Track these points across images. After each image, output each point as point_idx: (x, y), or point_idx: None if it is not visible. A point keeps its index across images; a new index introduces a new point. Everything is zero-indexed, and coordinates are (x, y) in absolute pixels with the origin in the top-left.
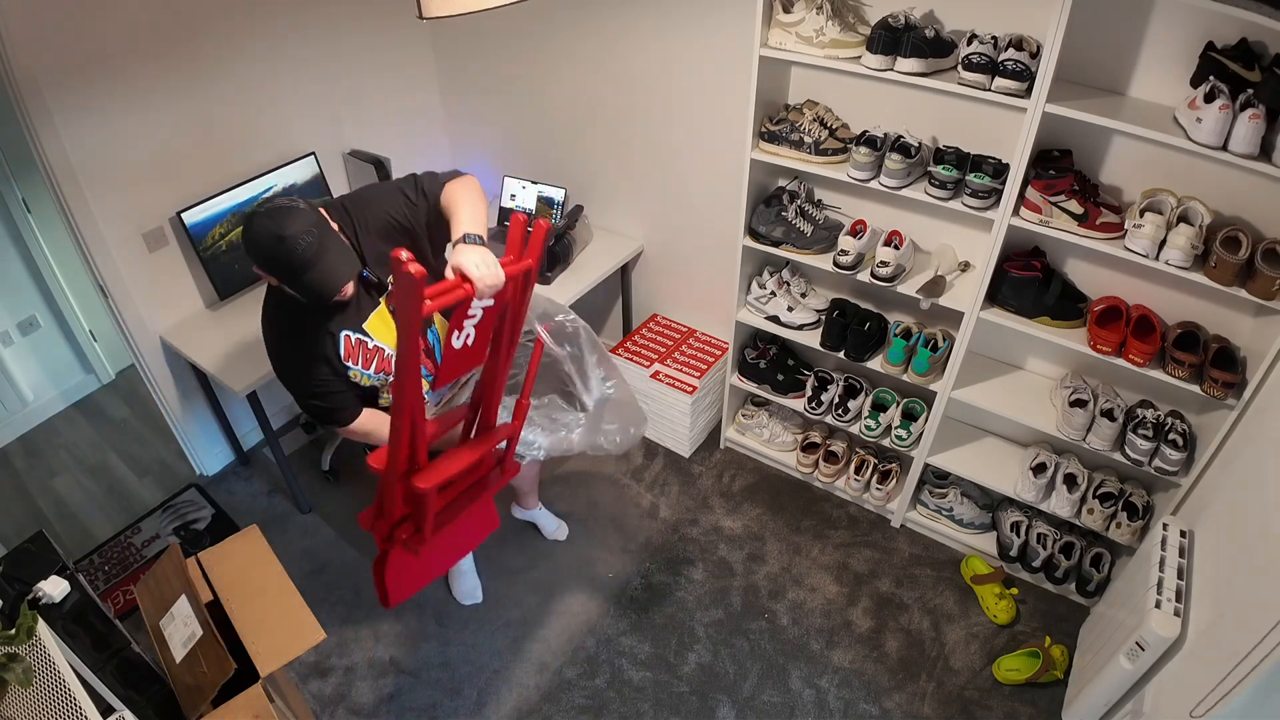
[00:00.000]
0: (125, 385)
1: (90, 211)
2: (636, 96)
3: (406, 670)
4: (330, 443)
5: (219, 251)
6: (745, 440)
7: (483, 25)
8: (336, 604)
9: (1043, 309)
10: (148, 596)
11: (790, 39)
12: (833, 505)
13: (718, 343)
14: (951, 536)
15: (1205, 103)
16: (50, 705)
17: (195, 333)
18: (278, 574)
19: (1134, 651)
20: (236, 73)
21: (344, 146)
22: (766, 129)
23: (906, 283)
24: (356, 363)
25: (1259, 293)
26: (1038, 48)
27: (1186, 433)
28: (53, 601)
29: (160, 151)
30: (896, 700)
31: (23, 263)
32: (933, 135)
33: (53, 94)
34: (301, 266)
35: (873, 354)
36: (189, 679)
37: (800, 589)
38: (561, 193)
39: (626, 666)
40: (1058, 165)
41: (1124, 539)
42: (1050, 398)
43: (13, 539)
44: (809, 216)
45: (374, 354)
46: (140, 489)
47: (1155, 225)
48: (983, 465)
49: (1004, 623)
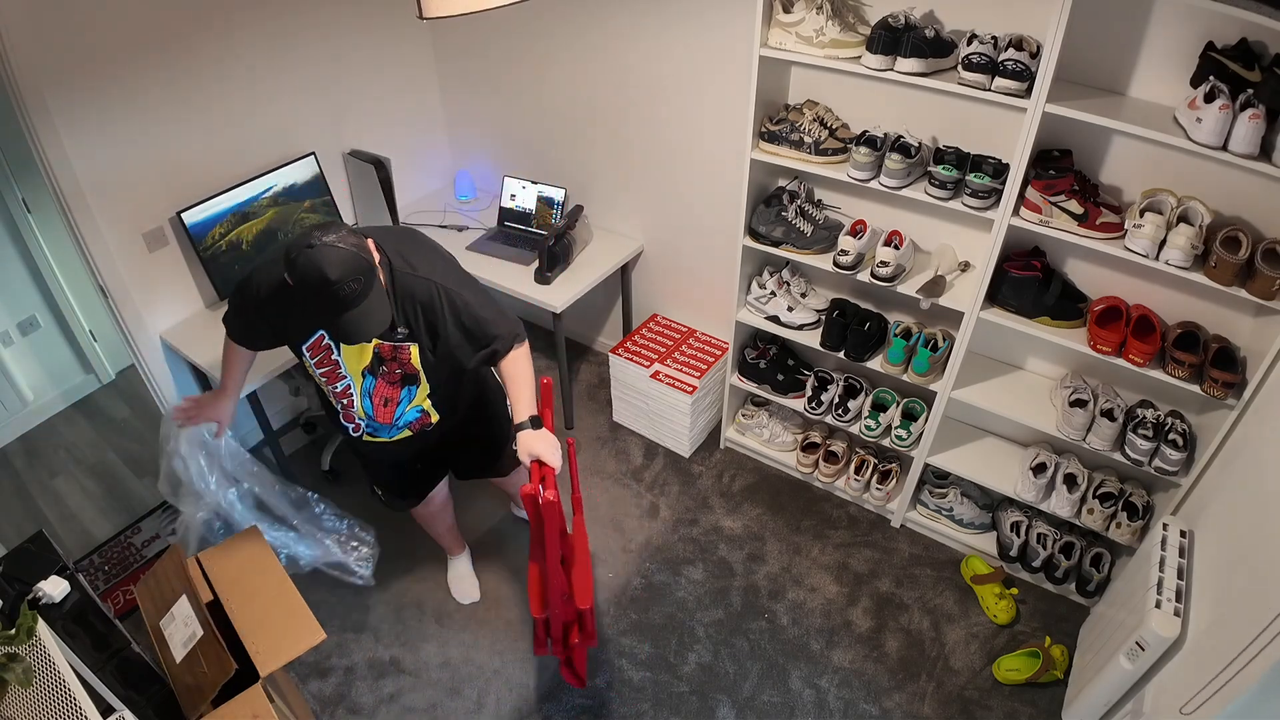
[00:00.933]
0: (125, 385)
1: (90, 211)
2: (636, 96)
3: (406, 670)
4: (330, 443)
5: (219, 251)
6: (745, 440)
7: (483, 25)
8: (336, 604)
9: (1043, 309)
10: (148, 596)
11: (790, 39)
12: (833, 505)
13: (718, 343)
14: (951, 536)
15: (1205, 103)
16: (50, 705)
17: (195, 333)
18: (278, 574)
19: (1134, 651)
20: (237, 73)
21: (344, 146)
22: (766, 129)
23: (906, 283)
24: (314, 358)
25: (1259, 293)
26: (1038, 48)
27: (1186, 433)
28: (53, 601)
29: (160, 151)
30: (896, 700)
31: (23, 263)
32: (933, 135)
33: (53, 94)
34: (337, 310)
35: (873, 354)
36: (189, 679)
37: (800, 589)
38: (561, 193)
39: (626, 666)
40: (1058, 165)
41: (1124, 539)
42: (1050, 398)
43: (13, 539)
44: (809, 216)
45: (331, 365)
46: (140, 489)
47: (1155, 225)
48: (983, 465)
49: (1004, 623)
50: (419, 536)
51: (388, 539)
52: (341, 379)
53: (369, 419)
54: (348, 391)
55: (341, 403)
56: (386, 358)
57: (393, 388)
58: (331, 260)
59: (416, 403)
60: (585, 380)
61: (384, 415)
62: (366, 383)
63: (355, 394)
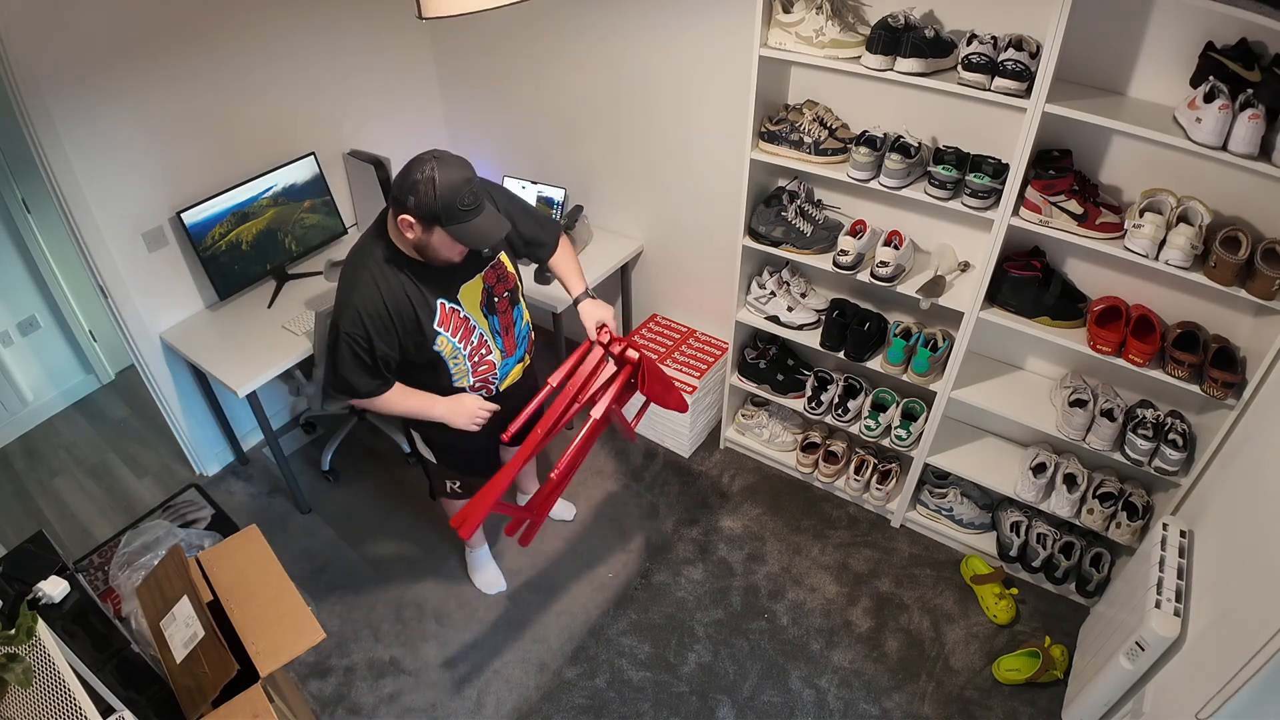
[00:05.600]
0: (125, 385)
1: (90, 211)
2: (636, 96)
3: (406, 670)
4: (330, 442)
5: (219, 251)
6: (745, 440)
7: (482, 25)
8: (336, 604)
9: (1042, 309)
10: (148, 597)
11: (790, 39)
12: (833, 505)
13: (718, 343)
14: (951, 536)
15: (1205, 103)
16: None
17: (195, 333)
18: (278, 574)
19: (1134, 651)
20: (236, 72)
21: (344, 146)
22: (766, 129)
23: (906, 283)
24: (448, 329)
25: (1259, 293)
26: (1037, 48)
27: (1186, 433)
28: (53, 601)
29: (160, 151)
30: (896, 700)
31: (23, 263)
32: (933, 135)
33: (53, 94)
34: (471, 211)
35: (873, 354)
36: (189, 680)
37: (800, 589)
38: (561, 193)
39: (626, 666)
40: (1057, 165)
41: (1124, 539)
42: (1050, 398)
43: (13, 539)
44: (809, 216)
45: (462, 324)
46: (140, 489)
47: (1155, 225)
48: (983, 465)
49: (1004, 623)
50: (418, 537)
51: (388, 539)
52: (474, 331)
53: (502, 355)
54: (483, 342)
55: (479, 365)
56: (492, 283)
57: (506, 314)
58: (457, 161)
59: (526, 319)
60: None
61: (509, 344)
62: (491, 322)
63: (489, 340)
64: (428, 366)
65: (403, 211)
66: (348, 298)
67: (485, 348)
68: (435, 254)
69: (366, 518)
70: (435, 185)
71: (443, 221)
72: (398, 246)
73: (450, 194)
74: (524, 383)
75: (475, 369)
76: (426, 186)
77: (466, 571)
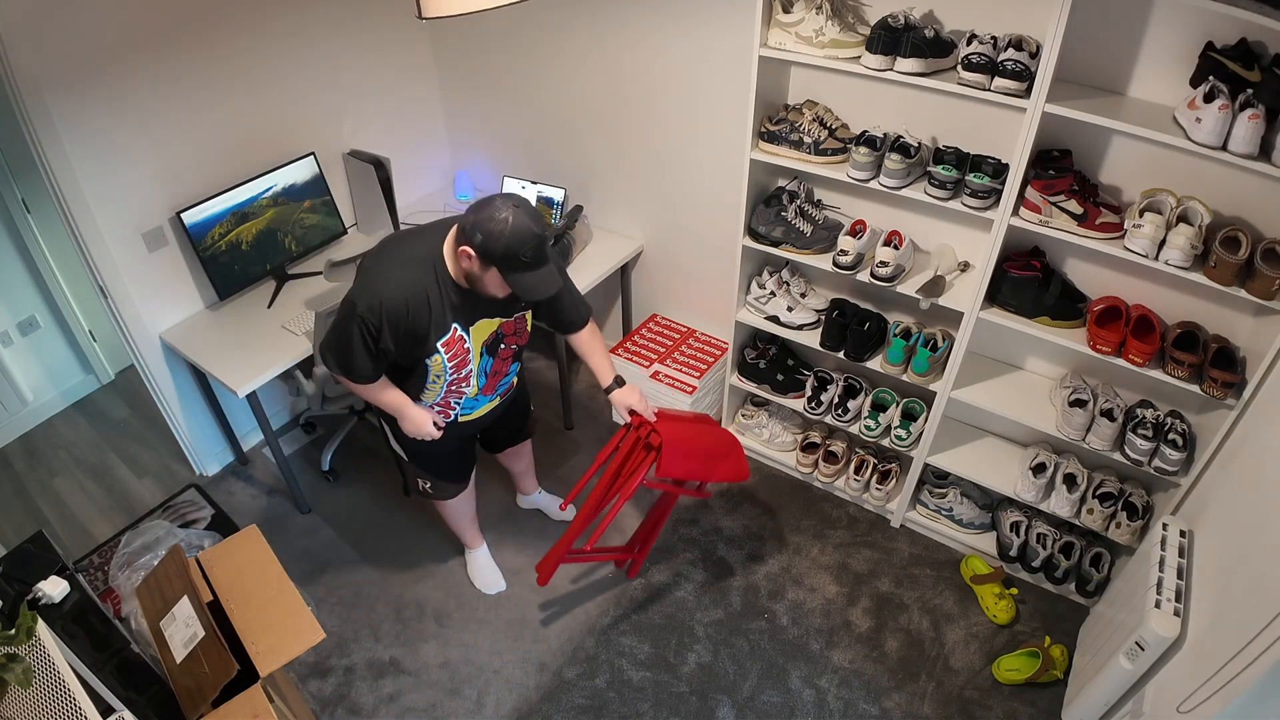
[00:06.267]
0: (125, 385)
1: (90, 211)
2: (636, 96)
3: (406, 670)
4: (330, 442)
5: (219, 251)
6: (745, 440)
7: (482, 25)
8: (336, 604)
9: (1042, 309)
10: (148, 597)
11: (790, 39)
12: (832, 505)
13: (717, 343)
14: (951, 536)
15: (1205, 103)
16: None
17: (195, 333)
18: (277, 574)
19: (1134, 651)
20: (236, 73)
21: (344, 146)
22: (766, 129)
23: (906, 283)
24: (448, 351)
25: (1259, 293)
26: (1037, 48)
27: (1186, 433)
28: (53, 601)
29: (160, 151)
30: (896, 700)
31: (23, 263)
32: (932, 135)
33: (53, 94)
34: (534, 264)
35: (872, 354)
36: (189, 680)
37: (800, 589)
38: (561, 193)
39: (626, 666)
40: (1057, 165)
41: (1124, 539)
42: (1050, 398)
43: (13, 539)
44: (809, 216)
45: (463, 353)
46: (140, 489)
47: (1155, 225)
48: (982, 465)
49: (1004, 623)
50: (418, 537)
51: (388, 539)
52: (467, 364)
53: (478, 392)
54: (468, 376)
55: (452, 393)
56: (508, 331)
57: (504, 364)
58: (533, 215)
59: (516, 376)
60: (585, 380)
61: (489, 386)
62: (485, 362)
63: (474, 376)
64: (406, 371)
65: (468, 244)
66: (377, 287)
67: (467, 382)
68: (482, 288)
69: (366, 518)
70: (507, 231)
71: (501, 266)
72: (446, 263)
73: (518, 243)
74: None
75: (446, 394)
76: (499, 229)
77: (466, 572)
